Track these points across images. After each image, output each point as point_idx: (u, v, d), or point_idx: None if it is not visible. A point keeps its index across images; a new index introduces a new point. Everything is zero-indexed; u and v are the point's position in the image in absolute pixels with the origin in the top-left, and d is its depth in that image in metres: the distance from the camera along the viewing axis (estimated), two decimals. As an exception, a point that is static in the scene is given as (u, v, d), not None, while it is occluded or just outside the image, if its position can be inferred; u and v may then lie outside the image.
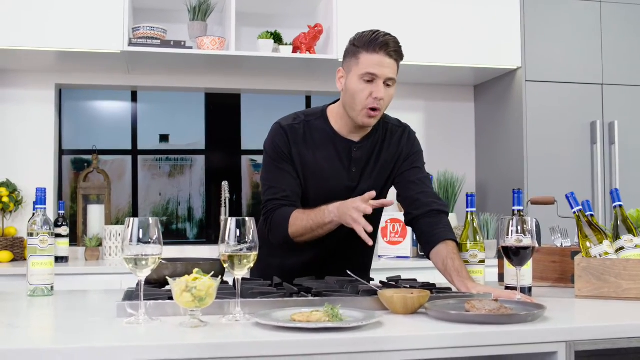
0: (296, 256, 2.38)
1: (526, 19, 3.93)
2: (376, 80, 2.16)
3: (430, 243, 2.22)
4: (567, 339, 1.61)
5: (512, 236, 1.96)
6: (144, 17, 3.96)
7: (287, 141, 2.28)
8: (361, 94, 2.17)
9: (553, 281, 2.41)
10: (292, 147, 2.28)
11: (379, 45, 2.14)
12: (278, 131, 2.30)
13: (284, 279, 2.15)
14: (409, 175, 2.35)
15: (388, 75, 2.16)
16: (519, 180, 3.90)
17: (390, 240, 4.05)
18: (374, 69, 2.15)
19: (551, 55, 3.96)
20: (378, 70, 2.15)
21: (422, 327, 1.63)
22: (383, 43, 2.14)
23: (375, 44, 2.14)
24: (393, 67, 2.18)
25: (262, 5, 4.04)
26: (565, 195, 2.24)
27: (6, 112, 3.95)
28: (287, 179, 2.27)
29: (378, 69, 2.15)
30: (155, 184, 4.30)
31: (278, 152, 2.28)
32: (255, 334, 1.54)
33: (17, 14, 3.45)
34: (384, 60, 2.15)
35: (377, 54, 2.14)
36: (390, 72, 2.17)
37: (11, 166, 3.88)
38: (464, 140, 4.51)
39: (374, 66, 2.15)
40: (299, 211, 2.20)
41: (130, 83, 4.13)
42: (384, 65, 2.15)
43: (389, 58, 2.15)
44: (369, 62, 2.15)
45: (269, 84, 4.27)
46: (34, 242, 2.12)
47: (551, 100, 3.94)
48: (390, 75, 2.17)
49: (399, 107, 4.38)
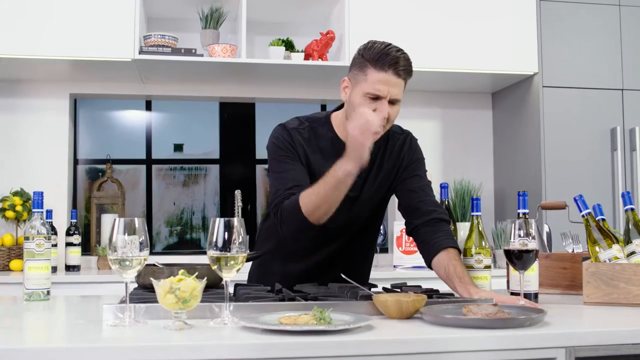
0: (298, 262, 2.33)
1: (543, 22, 3.85)
2: (382, 99, 2.04)
3: (431, 252, 2.15)
4: (566, 344, 1.54)
5: (516, 239, 1.89)
6: (157, 26, 3.97)
7: (292, 141, 2.20)
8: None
9: (563, 288, 2.32)
10: (296, 147, 2.20)
11: (387, 63, 2.02)
12: (282, 132, 2.23)
13: (286, 285, 2.10)
14: (409, 184, 2.27)
15: (394, 96, 2.05)
16: (537, 187, 3.81)
17: (406, 250, 3.98)
18: (380, 88, 2.02)
19: (569, 60, 3.87)
20: (384, 90, 2.03)
21: (412, 331, 1.57)
22: (393, 61, 2.02)
23: (385, 60, 2.02)
24: (400, 87, 2.06)
25: (275, 13, 4.02)
26: (574, 198, 2.17)
27: (21, 121, 3.97)
28: (295, 171, 2.16)
29: (384, 89, 2.03)
30: (169, 193, 4.29)
31: (283, 149, 2.19)
32: (239, 336, 1.49)
33: (29, 23, 3.47)
34: (391, 80, 2.02)
35: (385, 72, 2.02)
36: (397, 93, 2.05)
37: (25, 175, 3.89)
38: (481, 148, 4.43)
39: (381, 85, 2.02)
40: (306, 190, 2.06)
41: (145, 92, 4.13)
42: (390, 84, 2.02)
43: (398, 77, 2.03)
44: (375, 79, 2.02)
45: (282, 93, 4.24)
46: (31, 246, 2.10)
47: (569, 106, 3.84)
48: (396, 96, 2.06)
49: (415, 115, 4.36)
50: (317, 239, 2.25)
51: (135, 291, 2.05)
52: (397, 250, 3.98)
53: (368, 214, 2.28)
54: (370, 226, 2.36)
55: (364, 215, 2.28)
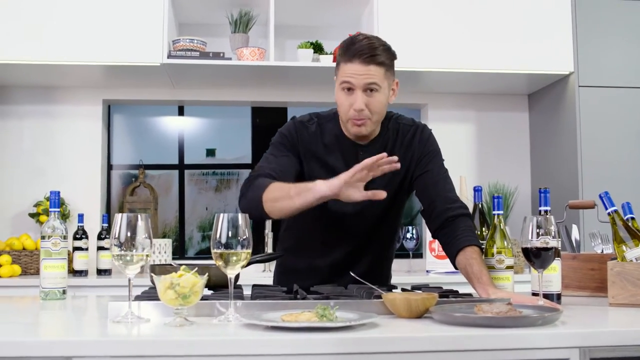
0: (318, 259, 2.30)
1: (578, 21, 3.75)
2: (355, 90, 2.05)
3: (452, 256, 2.10)
4: (580, 344, 1.46)
5: (534, 237, 1.82)
6: (188, 31, 4.00)
7: (295, 135, 2.20)
8: (342, 106, 2.10)
9: (592, 290, 2.23)
10: (298, 142, 2.20)
11: (352, 53, 2.03)
12: (291, 124, 2.25)
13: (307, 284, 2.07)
14: (422, 181, 2.21)
15: (365, 82, 2.03)
16: (574, 189, 3.70)
17: (439, 255, 3.90)
18: (349, 78, 2.04)
19: (605, 59, 3.75)
20: (353, 79, 2.04)
21: (417, 329, 1.51)
22: (357, 50, 2.02)
23: (350, 50, 2.04)
24: (372, 74, 2.03)
25: (304, 16, 4.00)
26: (599, 195, 2.09)
27: (55, 127, 4.03)
28: (284, 159, 2.16)
29: (353, 78, 2.04)
30: (201, 198, 4.30)
31: (284, 138, 2.21)
32: (239, 333, 1.46)
33: (61, 30, 3.52)
34: (359, 68, 2.02)
35: (352, 63, 2.03)
36: (367, 78, 2.03)
37: (59, 181, 3.94)
38: (517, 151, 4.33)
39: (349, 75, 2.04)
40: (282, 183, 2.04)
41: (176, 97, 4.15)
42: (359, 72, 2.03)
43: (365, 64, 2.02)
44: (345, 71, 2.05)
45: (314, 96, 4.21)
46: (47, 245, 2.12)
47: (606, 106, 3.72)
48: (367, 80, 2.03)
49: (448, 117, 4.29)
50: (331, 238, 2.25)
51: (149, 290, 2.04)
52: (430, 255, 3.90)
53: (379, 211, 2.23)
54: (385, 225, 2.30)
55: (375, 212, 2.22)
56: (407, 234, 3.94)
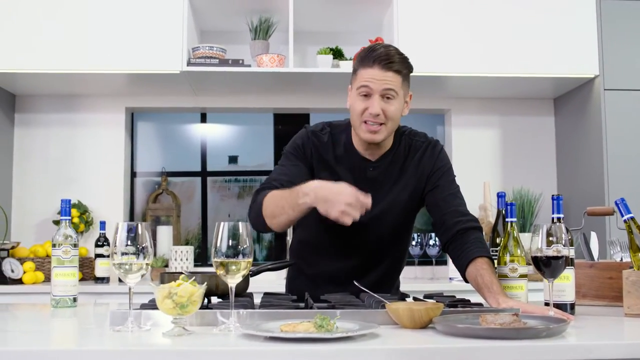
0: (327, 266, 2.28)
1: (603, 24, 3.67)
2: (372, 94, 2.07)
3: (462, 269, 2.08)
4: (586, 357, 1.41)
5: (543, 245, 1.77)
6: (209, 38, 4.01)
7: (306, 144, 2.21)
8: (357, 109, 2.10)
9: (610, 299, 2.16)
10: (307, 150, 2.21)
11: (372, 59, 2.06)
12: (303, 134, 2.26)
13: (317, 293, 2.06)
14: (433, 196, 2.21)
15: (383, 87, 2.05)
16: (600, 195, 3.62)
17: (462, 262, 3.84)
18: (367, 82, 2.06)
19: (631, 62, 3.67)
20: (372, 84, 2.06)
21: (418, 341, 1.48)
22: (376, 56, 2.06)
23: (370, 57, 2.07)
24: (390, 80, 2.06)
25: (324, 22, 3.99)
26: (615, 201, 2.03)
27: (78, 135, 4.07)
28: (293, 168, 2.17)
29: (371, 83, 2.06)
30: (224, 205, 4.30)
31: (294, 151, 2.22)
32: (236, 343, 1.45)
33: (83, 39, 3.56)
34: (378, 74, 2.05)
35: (372, 68, 2.06)
36: (385, 84, 2.05)
37: (82, 188, 3.99)
38: (543, 156, 4.25)
39: (367, 79, 2.06)
40: (275, 190, 2.07)
41: (197, 105, 4.17)
42: (377, 78, 2.05)
43: (385, 71, 2.05)
44: (363, 76, 2.08)
45: (335, 102, 4.18)
46: (58, 252, 2.13)
47: (632, 109, 3.64)
48: (385, 86, 2.05)
49: (472, 122, 4.24)
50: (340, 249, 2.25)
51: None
52: (452, 263, 3.85)
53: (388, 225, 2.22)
54: (396, 238, 2.28)
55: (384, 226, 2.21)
56: (430, 241, 3.89)
